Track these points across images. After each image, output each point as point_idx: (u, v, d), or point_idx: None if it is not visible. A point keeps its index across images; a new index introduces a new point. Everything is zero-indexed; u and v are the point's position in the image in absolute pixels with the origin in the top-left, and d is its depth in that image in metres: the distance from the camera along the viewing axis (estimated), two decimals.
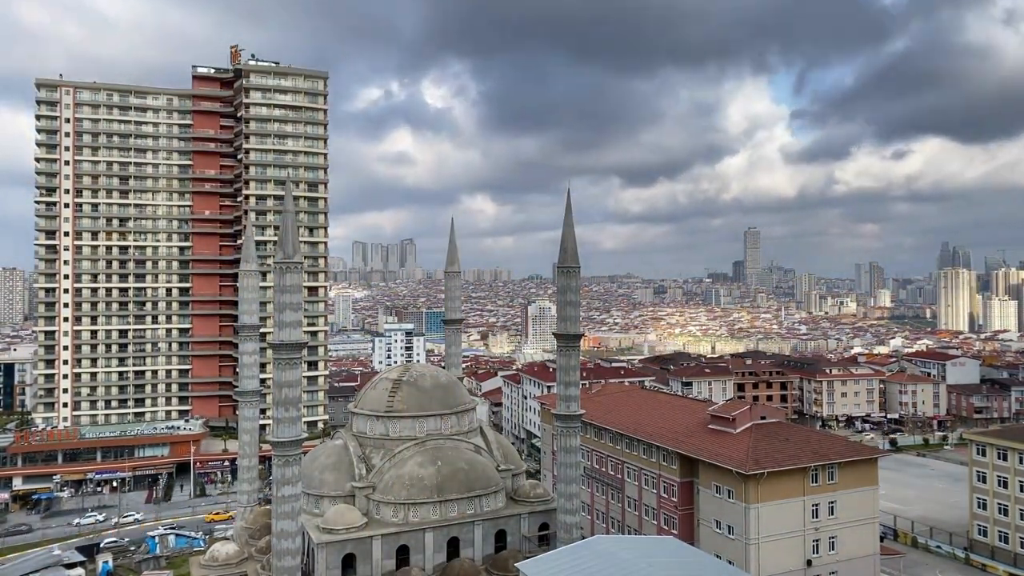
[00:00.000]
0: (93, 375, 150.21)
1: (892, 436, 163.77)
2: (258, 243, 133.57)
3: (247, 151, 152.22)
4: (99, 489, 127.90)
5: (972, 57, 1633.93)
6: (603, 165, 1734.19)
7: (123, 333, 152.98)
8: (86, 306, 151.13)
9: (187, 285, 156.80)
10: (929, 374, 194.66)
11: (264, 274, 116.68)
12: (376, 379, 77.12)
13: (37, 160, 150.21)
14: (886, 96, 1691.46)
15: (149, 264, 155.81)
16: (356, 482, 64.74)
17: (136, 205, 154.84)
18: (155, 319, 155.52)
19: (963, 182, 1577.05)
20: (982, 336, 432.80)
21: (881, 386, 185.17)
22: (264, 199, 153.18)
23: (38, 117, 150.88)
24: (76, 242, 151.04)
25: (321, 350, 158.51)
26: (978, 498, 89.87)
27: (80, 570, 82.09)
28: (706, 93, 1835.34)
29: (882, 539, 78.13)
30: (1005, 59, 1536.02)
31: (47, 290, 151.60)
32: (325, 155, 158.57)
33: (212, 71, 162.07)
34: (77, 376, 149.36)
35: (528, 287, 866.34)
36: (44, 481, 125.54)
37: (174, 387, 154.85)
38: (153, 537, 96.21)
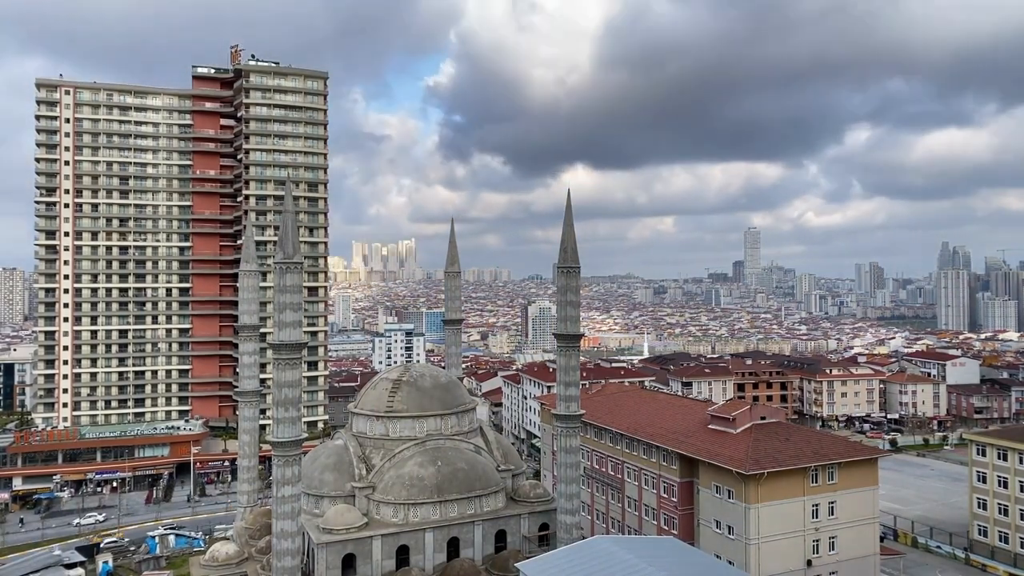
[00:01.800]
0: (93, 375, 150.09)
1: (892, 436, 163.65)
2: (258, 243, 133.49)
3: (247, 151, 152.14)
4: (99, 489, 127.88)
5: None
6: None
7: (123, 333, 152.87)
8: (86, 306, 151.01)
9: (187, 285, 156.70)
10: (929, 374, 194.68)
11: (264, 274, 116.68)
12: (376, 379, 77.15)
13: (37, 160, 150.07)
14: None
15: (149, 264, 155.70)
16: (356, 482, 64.77)
17: (136, 205, 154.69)
18: (155, 319, 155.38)
19: None
20: (982, 336, 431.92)
21: (881, 386, 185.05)
22: (264, 199, 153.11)
23: (38, 117, 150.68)
24: (76, 242, 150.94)
25: (321, 350, 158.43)
26: (978, 498, 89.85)
27: (80, 570, 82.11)
28: None
29: (882, 539, 78.09)
30: None
31: (47, 290, 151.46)
32: (325, 155, 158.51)
33: (212, 71, 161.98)
34: (77, 376, 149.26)
35: (528, 287, 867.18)
36: (44, 481, 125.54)
37: (174, 387, 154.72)
38: (153, 537, 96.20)
